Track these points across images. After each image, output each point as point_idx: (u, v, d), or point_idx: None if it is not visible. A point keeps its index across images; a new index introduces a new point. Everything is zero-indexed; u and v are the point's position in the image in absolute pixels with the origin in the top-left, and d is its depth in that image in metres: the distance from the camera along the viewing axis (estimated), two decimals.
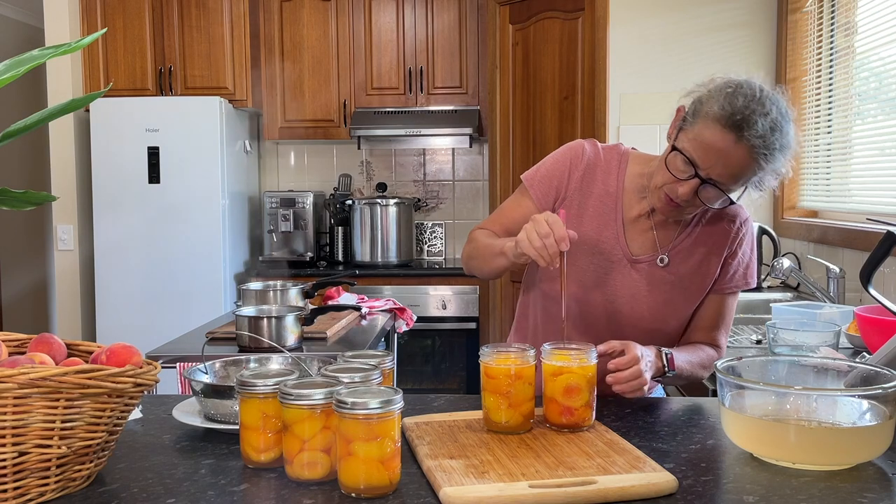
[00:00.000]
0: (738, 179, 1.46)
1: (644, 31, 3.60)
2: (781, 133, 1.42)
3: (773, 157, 1.43)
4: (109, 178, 4.14)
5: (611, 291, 1.64)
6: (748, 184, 1.49)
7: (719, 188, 1.47)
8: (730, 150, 1.41)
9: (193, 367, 1.41)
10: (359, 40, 4.51)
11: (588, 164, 1.66)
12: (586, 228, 1.63)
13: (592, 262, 1.63)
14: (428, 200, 4.85)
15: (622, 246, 1.63)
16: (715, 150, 1.43)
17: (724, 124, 1.41)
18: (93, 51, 4.33)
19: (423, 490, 1.08)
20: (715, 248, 1.64)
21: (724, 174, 1.44)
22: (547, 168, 1.68)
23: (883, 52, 2.78)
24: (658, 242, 1.64)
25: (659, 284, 1.63)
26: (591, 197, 1.65)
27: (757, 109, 1.40)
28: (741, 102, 1.41)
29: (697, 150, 1.45)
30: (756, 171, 1.44)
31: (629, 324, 1.63)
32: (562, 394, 1.30)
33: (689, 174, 1.46)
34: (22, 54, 1.15)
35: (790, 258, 3.09)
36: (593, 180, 1.65)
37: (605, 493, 1.04)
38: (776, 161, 1.44)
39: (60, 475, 1.04)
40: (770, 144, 1.41)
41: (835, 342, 1.86)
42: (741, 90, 1.43)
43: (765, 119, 1.40)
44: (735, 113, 1.40)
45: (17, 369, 0.97)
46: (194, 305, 4.07)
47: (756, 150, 1.41)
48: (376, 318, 2.92)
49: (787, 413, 1.20)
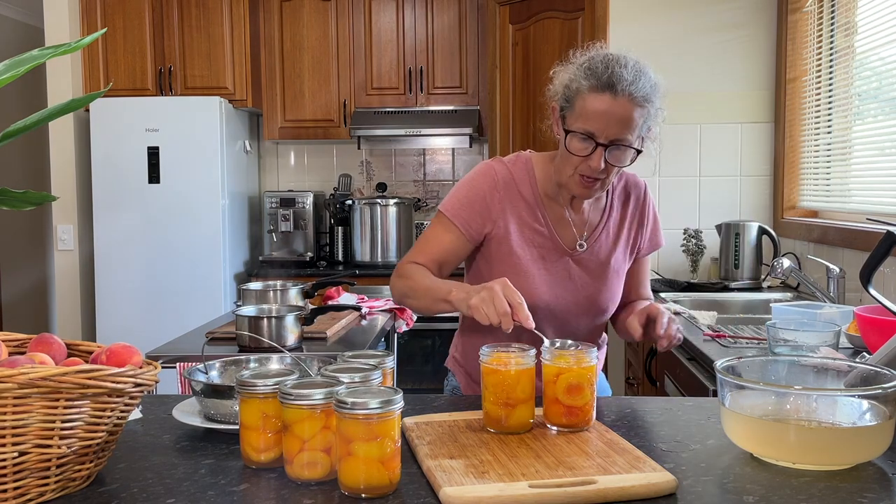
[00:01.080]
0: (632, 130, 1.56)
1: (644, 31, 3.60)
2: (645, 75, 1.56)
3: (650, 98, 1.56)
4: (109, 178, 4.14)
5: (563, 288, 1.74)
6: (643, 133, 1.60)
7: (622, 145, 1.57)
8: (613, 108, 1.54)
9: (193, 367, 1.41)
10: (359, 40, 4.51)
11: (505, 183, 1.73)
12: (522, 240, 1.72)
13: (540, 268, 1.73)
14: (428, 200, 4.85)
15: (557, 244, 1.73)
16: (601, 114, 1.54)
17: (598, 89, 1.54)
18: (93, 51, 4.33)
19: (423, 490, 1.08)
20: (630, 222, 1.80)
21: (620, 131, 1.56)
22: (466, 196, 1.72)
23: (883, 52, 2.78)
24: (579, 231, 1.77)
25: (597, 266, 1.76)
26: (516, 210, 1.73)
27: (616, 65, 1.54)
28: (601, 67, 1.55)
29: (587, 122, 1.56)
30: (643, 115, 1.56)
31: (585, 309, 1.76)
32: (564, 393, 1.30)
33: (591, 146, 1.57)
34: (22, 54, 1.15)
35: (790, 258, 3.09)
36: (513, 194, 1.73)
37: (605, 493, 1.04)
38: (653, 101, 1.57)
39: (60, 475, 1.04)
40: (642, 87, 1.54)
41: (835, 342, 1.85)
42: (594, 60, 1.57)
43: (626, 69, 1.54)
44: (601, 75, 1.54)
45: (17, 369, 0.97)
46: (194, 305, 4.07)
47: (634, 97, 1.53)
48: (376, 318, 2.92)
49: (787, 413, 1.20)
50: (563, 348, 1.35)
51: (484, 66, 4.37)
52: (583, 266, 1.75)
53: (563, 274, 1.74)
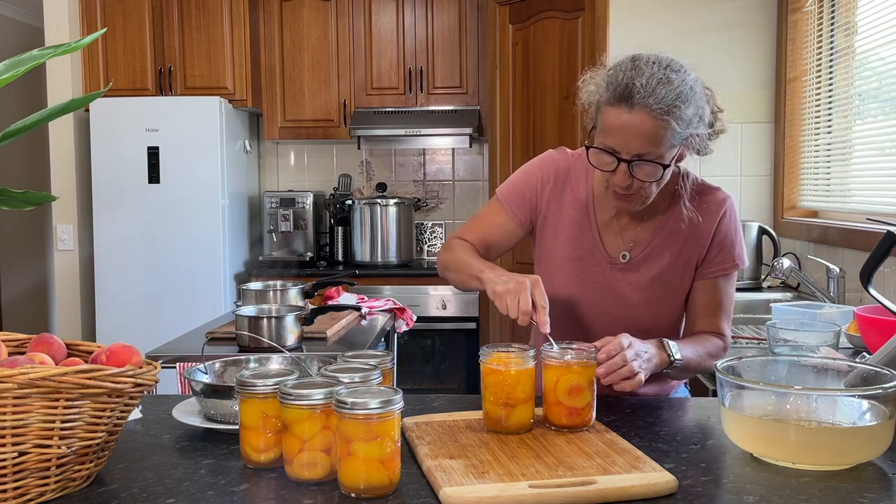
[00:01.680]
0: (657, 144, 1.45)
1: (644, 31, 3.60)
2: (669, 82, 1.44)
3: (674, 109, 1.43)
4: (109, 178, 4.14)
5: (597, 296, 1.65)
6: (677, 144, 1.48)
7: (646, 160, 1.47)
8: (631, 121, 1.44)
9: (193, 367, 1.41)
10: (359, 40, 4.51)
11: (557, 175, 1.68)
12: (563, 238, 1.66)
13: (574, 270, 1.66)
14: (428, 200, 4.85)
15: (600, 250, 1.65)
16: (619, 129, 1.45)
17: (615, 102, 1.45)
18: (93, 51, 4.33)
19: (423, 490, 1.08)
20: (693, 236, 1.63)
21: (642, 145, 1.45)
22: (519, 182, 1.71)
23: (883, 52, 2.78)
24: (626, 241, 1.65)
25: (641, 282, 1.64)
26: (565, 206, 1.67)
27: (633, 75, 1.44)
28: (619, 77, 1.45)
29: (608, 137, 1.48)
30: (668, 127, 1.44)
31: (620, 325, 1.62)
32: (565, 394, 1.31)
33: (614, 162, 1.48)
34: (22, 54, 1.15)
35: (790, 258, 3.09)
36: (565, 189, 1.68)
37: (605, 493, 1.04)
38: (681, 110, 1.44)
39: (60, 475, 1.04)
40: (663, 98, 1.42)
41: (835, 342, 1.85)
42: (618, 69, 1.47)
43: (643, 78, 1.43)
44: (617, 87, 1.45)
45: (17, 369, 0.97)
46: (194, 305, 4.07)
47: (651, 109, 1.42)
48: (376, 318, 2.92)
49: (787, 413, 1.20)
50: (564, 349, 1.35)
51: (484, 66, 4.37)
52: (627, 279, 1.64)
53: (600, 283, 1.65)
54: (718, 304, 1.66)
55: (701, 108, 1.49)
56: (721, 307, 1.66)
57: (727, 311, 1.67)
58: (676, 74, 1.46)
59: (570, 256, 1.66)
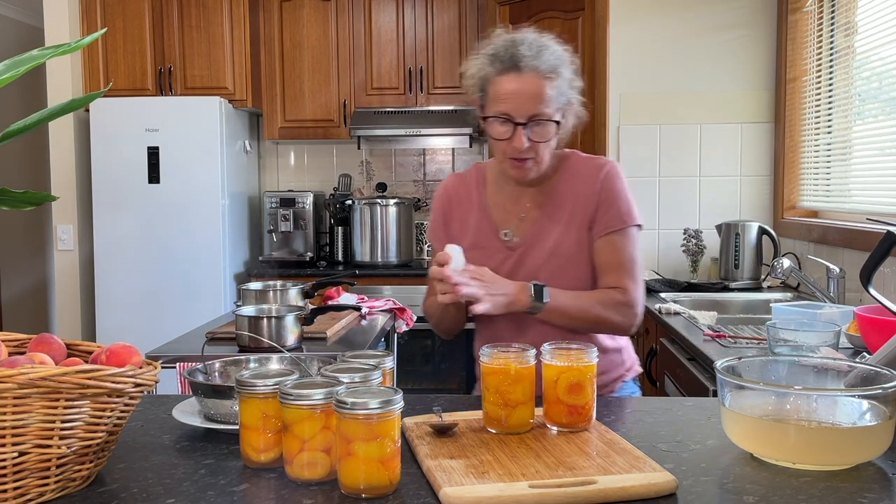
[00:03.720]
0: (547, 103, 1.60)
1: (644, 31, 3.60)
2: (548, 48, 1.61)
3: (557, 69, 1.61)
4: (109, 178, 4.14)
5: None
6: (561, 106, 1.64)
7: (540, 120, 1.61)
8: (521, 85, 1.59)
9: (193, 367, 1.41)
10: (359, 40, 4.51)
11: (451, 198, 1.85)
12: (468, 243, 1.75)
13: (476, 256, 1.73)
14: (428, 200, 4.85)
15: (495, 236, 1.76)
16: (512, 94, 1.60)
17: (503, 71, 1.60)
18: (93, 51, 4.33)
19: (423, 490, 1.08)
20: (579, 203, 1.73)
21: (534, 106, 1.60)
22: (432, 221, 1.88)
23: (883, 52, 2.78)
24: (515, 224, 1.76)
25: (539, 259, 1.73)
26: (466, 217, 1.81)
27: (514, 45, 1.60)
28: (501, 50, 1.61)
29: (501, 104, 1.61)
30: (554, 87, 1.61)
31: None
32: (566, 392, 1.31)
33: (511, 127, 1.62)
34: (22, 54, 1.15)
35: (790, 258, 3.09)
36: (461, 204, 1.83)
37: (605, 493, 1.04)
38: (561, 72, 1.62)
39: (60, 475, 1.04)
40: (546, 60, 1.60)
41: (835, 342, 1.85)
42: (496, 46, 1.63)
43: (524, 46, 1.60)
44: (503, 59, 1.60)
45: (17, 369, 0.97)
46: (194, 305, 4.07)
47: (539, 70, 1.59)
48: (376, 318, 2.92)
49: (787, 413, 1.20)
50: (563, 348, 1.36)
51: None
52: (528, 258, 1.73)
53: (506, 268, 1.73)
54: (617, 261, 1.72)
55: (575, 74, 1.66)
56: (620, 263, 1.72)
57: (626, 266, 1.72)
58: (551, 43, 1.63)
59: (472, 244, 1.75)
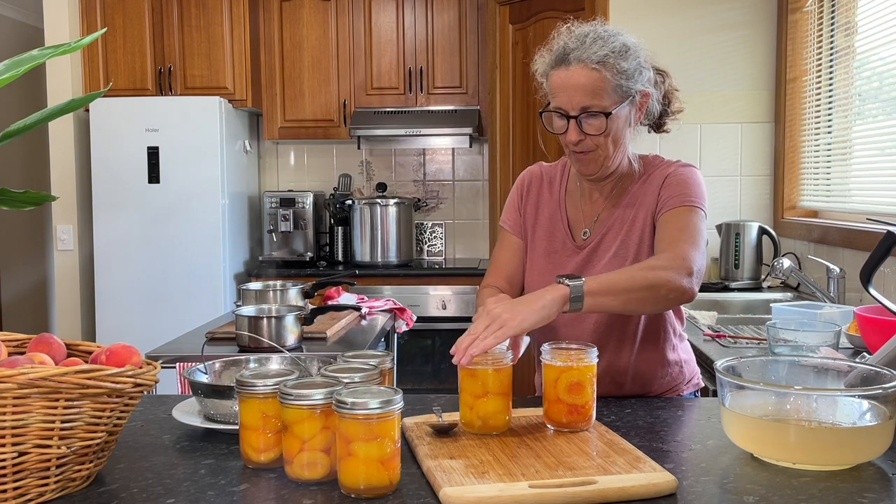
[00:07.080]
0: (598, 96, 1.56)
1: (644, 30, 3.56)
2: (602, 39, 1.57)
3: (608, 60, 1.54)
4: (109, 178, 4.14)
5: None
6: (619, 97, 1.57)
7: (591, 113, 1.57)
8: (569, 78, 1.57)
9: (193, 367, 1.41)
10: (359, 40, 4.51)
11: (532, 182, 1.81)
12: (539, 235, 1.75)
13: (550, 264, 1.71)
14: (428, 200, 4.85)
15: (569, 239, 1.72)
16: (561, 87, 1.58)
17: (556, 65, 1.59)
18: (93, 51, 4.33)
19: (423, 490, 1.08)
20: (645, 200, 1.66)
21: (583, 98, 1.56)
22: (508, 202, 1.83)
23: (883, 52, 2.78)
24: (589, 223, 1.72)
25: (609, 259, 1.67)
26: (541, 208, 1.78)
27: (567, 39, 1.59)
28: (557, 45, 1.60)
29: (555, 99, 1.61)
30: (604, 78, 1.55)
31: None
32: (566, 392, 1.31)
33: (565, 122, 1.60)
34: (22, 54, 1.15)
35: (790, 258, 3.09)
36: (540, 194, 1.79)
37: (605, 493, 1.04)
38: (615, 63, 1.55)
39: (60, 475, 1.04)
40: (595, 51, 1.55)
41: (835, 342, 1.85)
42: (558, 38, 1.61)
43: (575, 39, 1.57)
44: (556, 52, 1.59)
45: (17, 369, 0.97)
46: (194, 305, 4.07)
47: (584, 61, 1.55)
48: (376, 318, 2.92)
49: (787, 413, 1.20)
50: (563, 348, 1.36)
51: (484, 66, 4.37)
52: (594, 257, 1.66)
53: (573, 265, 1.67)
54: (676, 229, 1.58)
55: (641, 65, 1.59)
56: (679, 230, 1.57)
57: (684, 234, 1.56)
58: (611, 35, 1.58)
59: (545, 250, 1.73)
